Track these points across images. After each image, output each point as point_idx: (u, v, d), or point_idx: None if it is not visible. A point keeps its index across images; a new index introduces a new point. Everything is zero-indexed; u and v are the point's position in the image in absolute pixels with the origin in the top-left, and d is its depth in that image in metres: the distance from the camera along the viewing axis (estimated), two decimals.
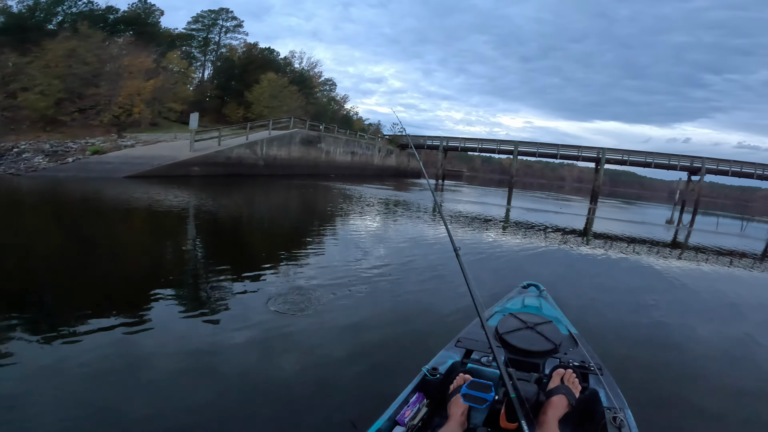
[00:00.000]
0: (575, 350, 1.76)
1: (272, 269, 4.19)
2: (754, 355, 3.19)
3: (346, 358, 2.44)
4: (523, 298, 2.34)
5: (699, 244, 10.18)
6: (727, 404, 2.36)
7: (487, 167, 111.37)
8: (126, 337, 2.47)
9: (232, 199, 10.27)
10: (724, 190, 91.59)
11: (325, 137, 22.54)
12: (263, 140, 17.27)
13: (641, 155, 26.74)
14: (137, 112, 20.86)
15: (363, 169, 26.55)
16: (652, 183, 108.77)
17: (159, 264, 4.24)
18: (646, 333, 3.39)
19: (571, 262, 6.13)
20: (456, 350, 1.71)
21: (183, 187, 10.59)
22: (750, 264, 7.87)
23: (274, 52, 36.80)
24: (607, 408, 1.37)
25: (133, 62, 21.84)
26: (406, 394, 1.41)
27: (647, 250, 8.06)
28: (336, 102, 46.79)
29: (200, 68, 34.56)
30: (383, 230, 7.19)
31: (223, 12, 34.91)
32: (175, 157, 13.32)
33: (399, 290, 3.82)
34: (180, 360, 2.27)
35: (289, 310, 3.06)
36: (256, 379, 2.14)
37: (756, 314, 4.35)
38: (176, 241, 5.36)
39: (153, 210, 7.18)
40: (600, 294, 4.45)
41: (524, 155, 29.89)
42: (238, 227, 6.77)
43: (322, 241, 5.95)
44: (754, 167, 25.32)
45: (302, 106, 32.07)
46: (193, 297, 3.33)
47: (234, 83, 31.37)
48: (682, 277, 5.72)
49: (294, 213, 9.42)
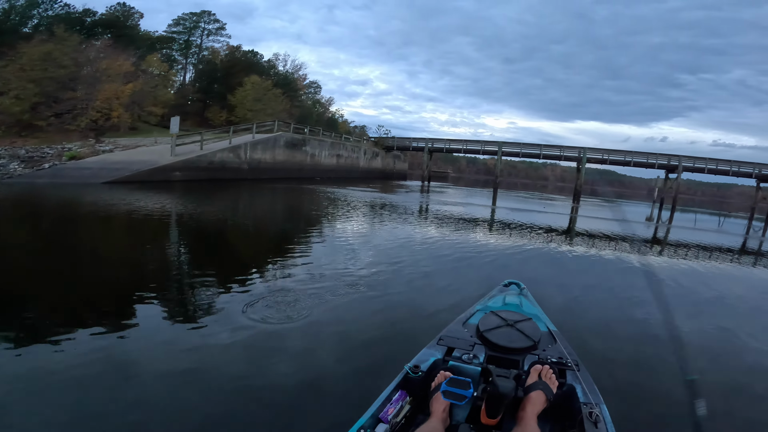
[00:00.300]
0: (553, 347, 1.79)
1: (258, 274, 4.14)
2: (733, 349, 3.26)
3: (335, 360, 2.44)
4: (504, 296, 2.37)
5: (678, 240, 10.45)
6: (706, 399, 2.40)
7: (472, 168, 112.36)
8: (110, 344, 2.42)
9: (215, 204, 10.12)
10: (701, 187, 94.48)
11: (310, 140, 22.41)
12: (247, 144, 17.08)
13: (620, 154, 27.32)
14: (116, 116, 20.43)
15: (349, 171, 26.49)
16: (632, 181, 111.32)
17: (141, 271, 4.15)
18: (626, 329, 3.45)
19: (554, 260, 6.21)
20: (438, 348, 1.72)
21: (164, 193, 10.39)
22: (729, 259, 8.10)
23: (258, 54, 36.57)
24: (584, 403, 1.39)
25: (111, 65, 21.40)
26: (389, 391, 1.42)
27: (629, 247, 8.23)
28: (321, 104, 46.69)
29: (181, 71, 34.08)
30: (369, 233, 7.17)
31: (205, 14, 34.51)
32: (155, 161, 13.06)
33: (385, 291, 3.81)
34: (166, 366, 2.25)
35: (276, 315, 3.03)
36: (244, 384, 2.13)
37: (735, 309, 4.45)
38: (158, 248, 5.25)
39: (133, 216, 7.02)
40: (582, 291, 4.52)
41: (508, 156, 30.21)
42: (222, 233, 6.67)
43: (307, 245, 5.90)
44: (730, 164, 26.09)
45: (287, 109, 31.88)
46: (177, 303, 3.27)
47: (217, 86, 31.00)
48: (662, 273, 5.84)
49: (278, 217, 9.33)
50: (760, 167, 25.76)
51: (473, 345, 1.74)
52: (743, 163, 26.24)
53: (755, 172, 25.82)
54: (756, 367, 2.93)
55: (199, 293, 3.49)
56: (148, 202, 8.56)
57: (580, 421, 1.31)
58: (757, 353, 3.20)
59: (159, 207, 8.11)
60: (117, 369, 2.17)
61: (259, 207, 10.73)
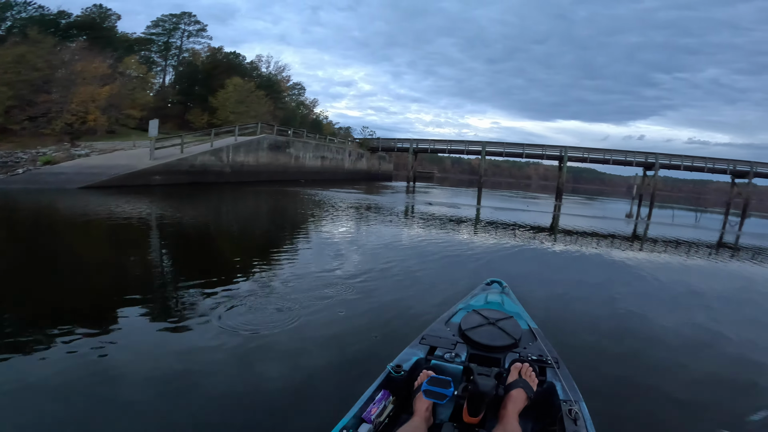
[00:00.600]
0: (534, 344, 1.80)
1: (242, 278, 4.07)
2: (712, 343, 3.32)
3: (322, 362, 2.42)
4: (486, 295, 2.39)
5: (657, 236, 10.70)
6: (686, 392, 2.44)
7: (457, 168, 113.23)
8: (92, 352, 2.38)
9: (196, 208, 9.94)
10: (677, 183, 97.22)
11: (294, 142, 22.24)
12: (229, 146, 16.83)
13: (600, 153, 27.92)
14: (92, 120, 19.89)
15: (334, 173, 26.39)
16: (612, 179, 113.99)
17: (121, 278, 4.04)
18: (606, 325, 3.50)
19: (537, 258, 6.29)
20: (420, 347, 1.72)
21: (143, 198, 10.15)
22: (706, 254, 8.34)
23: (240, 56, 36.14)
24: (564, 401, 1.40)
25: (86, 68, 20.84)
26: (371, 391, 1.41)
27: (610, 243, 8.39)
28: (305, 106, 46.39)
29: (161, 73, 33.42)
30: (354, 235, 7.14)
31: (186, 16, 33.94)
32: (133, 165, 12.76)
33: (372, 292, 3.81)
34: (151, 372, 2.22)
35: (261, 318, 2.99)
36: (230, 389, 2.10)
37: (713, 303, 4.55)
38: (138, 255, 5.12)
39: (111, 222, 6.83)
40: (564, 289, 4.57)
41: (492, 155, 30.56)
42: (204, 237, 6.55)
43: (291, 248, 5.84)
44: (705, 161, 26.91)
45: (270, 111, 31.57)
46: (160, 309, 3.20)
47: (198, 88, 30.48)
48: (643, 269, 5.96)
49: (262, 221, 9.22)
50: (735, 163, 26.65)
51: (455, 344, 1.74)
52: (718, 160, 27.11)
53: (730, 169, 26.71)
54: (735, 359, 2.99)
55: (182, 299, 3.42)
56: (126, 208, 8.35)
57: (560, 418, 1.33)
58: (735, 345, 3.27)
59: (138, 212, 7.92)
60: (101, 376, 2.13)
61: (243, 210, 10.58)
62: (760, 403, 2.35)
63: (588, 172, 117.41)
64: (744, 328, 3.71)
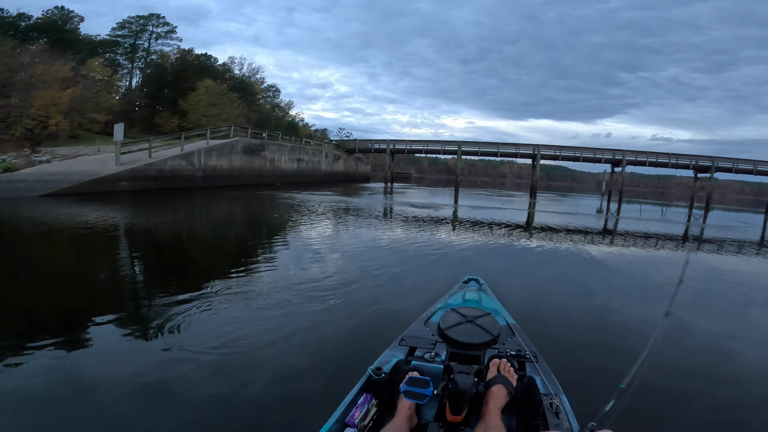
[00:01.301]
0: (512, 340, 1.81)
1: (218, 286, 3.91)
2: (683, 333, 3.41)
3: (304, 367, 2.38)
4: (464, 293, 2.38)
5: (627, 230, 11.05)
6: (662, 381, 2.48)
7: (434, 168, 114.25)
8: (66, 364, 2.29)
9: (166, 214, 9.59)
10: (643, 179, 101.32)
11: (269, 145, 21.85)
12: (201, 150, 16.35)
13: (571, 150, 28.66)
14: (54, 124, 19.01)
15: (310, 176, 26.08)
16: (582, 176, 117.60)
17: (88, 289, 3.86)
18: (584, 318, 3.57)
19: (515, 255, 6.39)
20: (400, 349, 1.70)
21: (109, 205, 9.72)
22: (674, 246, 8.66)
23: (212, 58, 35.35)
24: (544, 394, 1.41)
25: (47, 71, 19.91)
26: (353, 395, 1.39)
27: (583, 239, 8.60)
28: (280, 108, 45.81)
29: (127, 76, 32.26)
30: (333, 238, 7.04)
31: (153, 17, 32.90)
32: (98, 171, 12.21)
33: (353, 295, 3.77)
34: (127, 382, 2.15)
35: (240, 324, 2.92)
36: (210, 397, 2.05)
37: (682, 294, 4.69)
38: (103, 264, 4.87)
39: (74, 231, 6.49)
40: (542, 284, 4.68)
41: (468, 155, 30.88)
42: (174, 245, 6.30)
43: (268, 254, 5.69)
44: (669, 157, 28.05)
45: (244, 113, 30.97)
46: (132, 320, 3.07)
47: (167, 91, 29.64)
48: (615, 262, 6.15)
49: (237, 226, 8.98)
50: (697, 159, 27.87)
51: (435, 343, 1.73)
52: (681, 156, 28.30)
53: (692, 164, 27.92)
54: (707, 350, 3.07)
55: (155, 308, 3.28)
56: (90, 216, 7.96)
57: (542, 412, 1.33)
58: (705, 335, 3.38)
59: (103, 220, 7.55)
60: (76, 389, 2.05)
61: (215, 216, 10.27)
62: (733, 389, 2.42)
63: (559, 169, 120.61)
64: (713, 318, 3.85)
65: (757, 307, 4.41)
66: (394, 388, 1.49)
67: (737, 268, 6.38)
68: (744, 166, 27.54)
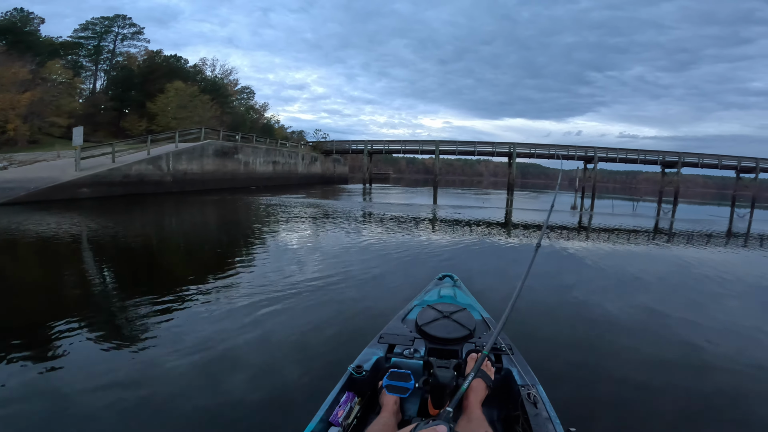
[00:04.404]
0: (488, 333, 1.83)
1: (193, 293, 3.73)
2: (658, 323, 3.45)
3: (288, 372, 2.35)
4: (439, 290, 2.42)
5: (601, 225, 11.23)
6: (637, 371, 2.50)
7: (412, 168, 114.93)
8: (41, 378, 2.20)
9: (130, 222, 9.11)
10: (612, 175, 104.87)
11: (243, 147, 21.30)
12: (169, 154, 15.72)
13: (545, 148, 29.33)
14: (12, 129, 18.03)
15: (287, 178, 25.60)
16: (556, 173, 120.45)
17: (49, 301, 3.58)
18: (560, 311, 3.60)
19: (494, 252, 6.40)
20: (379, 346, 1.72)
21: (69, 213, 9.15)
22: (645, 239, 8.83)
23: (182, 59, 34.34)
24: (521, 385, 1.44)
25: (4, 73, 18.84)
26: (335, 393, 1.40)
27: (558, 234, 8.66)
28: (255, 110, 45.01)
29: (91, 78, 30.95)
30: (312, 242, 6.80)
31: (119, 18, 31.75)
32: (57, 178, 11.53)
33: (336, 297, 3.73)
34: (108, 393, 2.08)
35: (220, 331, 2.84)
36: (192, 403, 2.01)
37: (656, 285, 4.81)
38: (61, 276, 4.51)
39: (29, 242, 6.02)
40: (516, 279, 4.57)
41: (445, 154, 31.13)
42: (138, 253, 5.92)
43: (243, 261, 5.41)
44: (637, 153, 29.09)
45: (217, 115, 30.22)
46: (103, 330, 2.93)
47: (134, 93, 28.57)
48: (590, 257, 6.21)
49: (209, 233, 8.60)
50: (664, 155, 28.99)
51: (413, 339, 1.76)
52: (649, 152, 29.37)
53: (660, 159, 29.03)
54: (681, 340, 3.07)
55: (125, 318, 3.15)
56: (47, 225, 7.43)
57: (520, 403, 1.36)
58: (679, 325, 3.38)
59: (59, 229, 7.06)
60: (54, 403, 1.99)
61: (185, 222, 9.81)
62: (701, 379, 2.43)
63: (534, 167, 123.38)
64: (683, 308, 3.88)
65: (731, 299, 4.46)
66: (375, 385, 1.52)
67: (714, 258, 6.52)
68: (709, 161, 28.76)
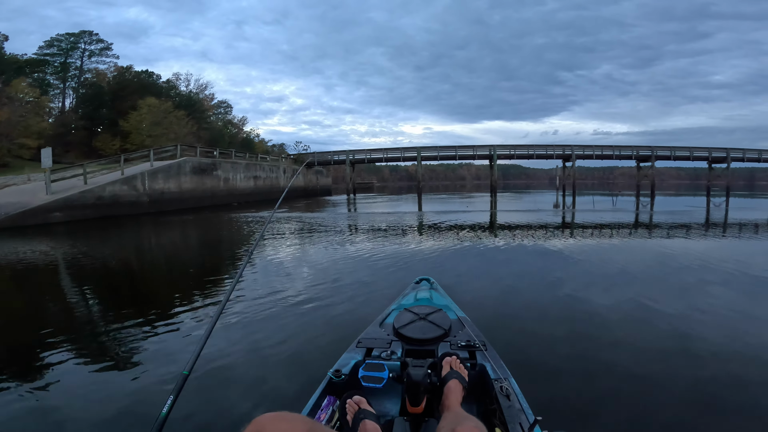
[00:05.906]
0: (463, 332, 1.90)
1: (177, 314, 3.59)
2: (645, 315, 3.45)
3: (281, 386, 2.33)
4: (416, 293, 2.49)
5: (583, 221, 11.36)
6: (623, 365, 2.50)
7: (395, 176, 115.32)
8: (29, 403, 2.18)
9: (103, 246, 8.71)
10: (590, 172, 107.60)
11: (222, 163, 20.89)
12: (144, 173, 15.25)
13: (524, 149, 29.82)
14: None
15: (269, 193, 25.19)
16: (536, 173, 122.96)
17: (33, 328, 3.42)
18: (550, 309, 3.62)
19: (480, 255, 6.34)
20: (357, 351, 1.75)
21: (40, 239, 8.71)
22: (627, 233, 8.94)
23: (154, 74, 33.60)
24: (495, 379, 1.49)
25: None
26: (316, 398, 1.42)
27: (543, 233, 8.69)
28: (233, 125, 44.28)
29: (60, 97, 29.99)
30: (300, 257, 6.60)
31: (85, 35, 30.90)
32: (27, 203, 11.02)
33: (326, 310, 3.68)
34: (101, 415, 2.06)
35: (209, 348, 2.61)
36: (179, 417, 1.94)
37: (641, 277, 4.86)
38: (42, 304, 4.18)
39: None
40: (506, 280, 4.74)
41: (427, 160, 31.28)
42: (116, 279, 5.61)
43: (221, 279, 5.17)
44: (612, 149, 29.87)
45: (193, 132, 29.60)
46: (86, 354, 2.89)
47: (105, 111, 27.75)
48: (576, 254, 6.26)
49: (187, 253, 8.29)
50: (638, 149, 29.84)
51: (390, 342, 1.80)
52: (623, 147, 30.17)
53: (634, 154, 29.86)
54: (666, 332, 3.06)
55: (108, 341, 3.10)
56: (17, 253, 7.02)
57: (494, 396, 1.41)
58: (662, 318, 3.36)
59: (30, 257, 6.67)
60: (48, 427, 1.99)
61: (163, 244, 9.45)
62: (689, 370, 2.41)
63: (514, 168, 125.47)
64: (669, 298, 3.92)
65: (715, 286, 4.48)
66: (353, 389, 1.52)
67: None
68: (681, 153, 29.72)
